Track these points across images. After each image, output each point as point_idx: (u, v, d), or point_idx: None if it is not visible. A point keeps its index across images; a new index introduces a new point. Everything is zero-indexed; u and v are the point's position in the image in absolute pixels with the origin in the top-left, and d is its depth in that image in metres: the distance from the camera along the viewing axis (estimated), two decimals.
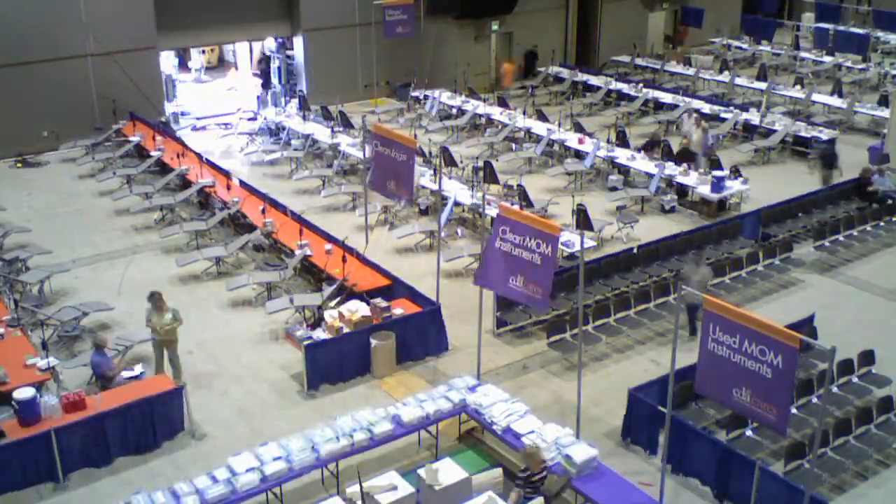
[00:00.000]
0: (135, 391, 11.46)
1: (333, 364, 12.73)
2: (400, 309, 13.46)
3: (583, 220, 16.80)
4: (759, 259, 15.74)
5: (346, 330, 12.85)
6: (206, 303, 15.14)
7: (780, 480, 9.75)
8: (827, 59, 31.05)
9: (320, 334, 12.79)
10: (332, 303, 13.58)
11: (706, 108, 24.42)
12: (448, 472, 9.73)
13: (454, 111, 25.14)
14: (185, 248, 17.02)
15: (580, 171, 20.28)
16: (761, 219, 17.14)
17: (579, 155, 21.12)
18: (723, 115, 23.77)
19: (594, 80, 27.97)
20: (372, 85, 26.54)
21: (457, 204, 17.76)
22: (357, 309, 13.13)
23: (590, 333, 13.48)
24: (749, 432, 11.09)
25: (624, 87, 26.81)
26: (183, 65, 30.62)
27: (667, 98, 25.59)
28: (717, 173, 18.55)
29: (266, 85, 27.77)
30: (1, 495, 10.40)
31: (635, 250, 15.65)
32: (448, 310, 13.94)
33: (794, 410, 11.32)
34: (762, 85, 26.81)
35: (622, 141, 21.57)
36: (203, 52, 30.87)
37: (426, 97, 25.99)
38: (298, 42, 26.53)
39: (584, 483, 9.80)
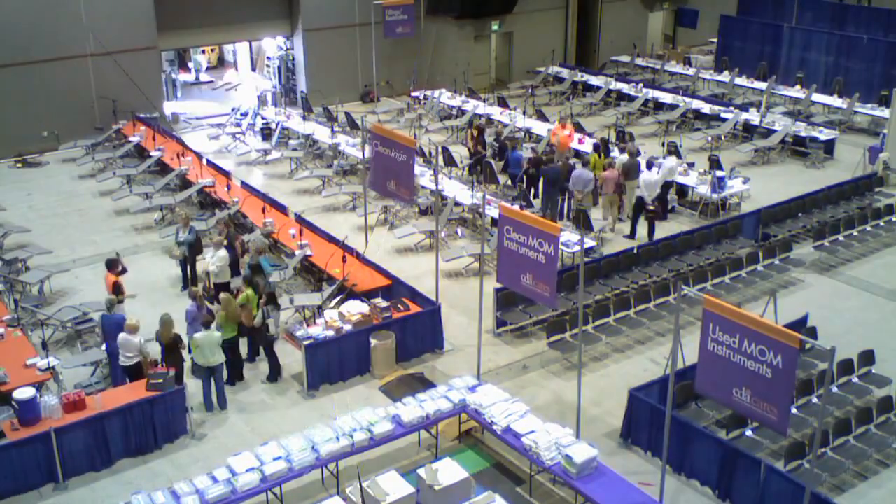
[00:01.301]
0: (135, 392, 11.46)
1: (333, 364, 12.73)
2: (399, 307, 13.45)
3: (583, 220, 16.80)
4: (759, 259, 15.73)
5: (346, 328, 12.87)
6: None
7: (784, 478, 9.74)
8: None
9: (319, 330, 12.77)
10: (332, 303, 13.57)
11: (706, 108, 24.46)
12: (448, 472, 9.72)
13: (454, 111, 25.15)
14: None
15: None
16: (761, 219, 17.14)
17: (579, 155, 21.10)
18: (723, 115, 23.78)
19: (594, 80, 27.98)
20: (372, 86, 26.53)
21: (457, 204, 17.75)
22: (358, 308, 13.15)
23: (590, 333, 13.48)
24: (749, 432, 11.09)
25: (624, 87, 26.82)
26: (183, 65, 30.64)
27: (667, 98, 25.59)
28: (718, 173, 18.54)
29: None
30: (1, 496, 10.40)
31: (635, 250, 15.65)
32: (448, 310, 13.92)
33: (794, 410, 11.32)
34: (762, 85, 26.82)
35: (622, 141, 21.55)
36: (203, 52, 30.87)
37: (426, 97, 25.99)
38: (298, 42, 26.53)
39: (584, 483, 9.80)
